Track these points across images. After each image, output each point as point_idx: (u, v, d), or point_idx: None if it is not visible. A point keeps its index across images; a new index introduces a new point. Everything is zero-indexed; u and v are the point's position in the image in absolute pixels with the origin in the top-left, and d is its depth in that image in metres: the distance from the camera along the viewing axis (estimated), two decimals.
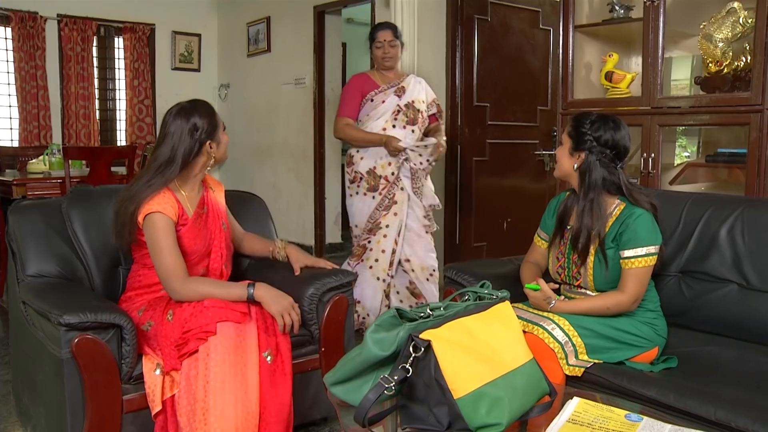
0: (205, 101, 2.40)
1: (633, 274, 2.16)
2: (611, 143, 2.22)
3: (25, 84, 6.57)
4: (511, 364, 1.61)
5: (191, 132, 2.28)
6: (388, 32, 3.87)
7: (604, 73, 3.45)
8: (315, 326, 2.49)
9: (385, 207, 3.79)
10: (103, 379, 2.07)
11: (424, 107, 3.91)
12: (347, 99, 3.91)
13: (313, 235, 6.57)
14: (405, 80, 3.91)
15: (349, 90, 3.93)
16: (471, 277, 2.50)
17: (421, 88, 3.93)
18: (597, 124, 2.23)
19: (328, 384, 1.63)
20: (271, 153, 7.04)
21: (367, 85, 3.89)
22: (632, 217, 2.18)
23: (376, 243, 3.81)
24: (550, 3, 5.12)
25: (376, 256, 3.81)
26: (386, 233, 3.79)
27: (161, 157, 2.28)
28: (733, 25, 2.98)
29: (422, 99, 3.90)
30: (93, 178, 4.72)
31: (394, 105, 3.81)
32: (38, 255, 2.42)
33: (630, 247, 2.16)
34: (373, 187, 3.81)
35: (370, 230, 3.82)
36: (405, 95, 3.85)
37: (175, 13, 7.47)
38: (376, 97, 3.85)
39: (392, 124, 3.80)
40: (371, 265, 3.82)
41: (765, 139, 2.78)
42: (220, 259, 2.44)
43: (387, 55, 3.85)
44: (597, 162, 2.23)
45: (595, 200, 2.22)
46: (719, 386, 1.92)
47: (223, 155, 2.41)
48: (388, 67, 3.89)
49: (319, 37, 6.32)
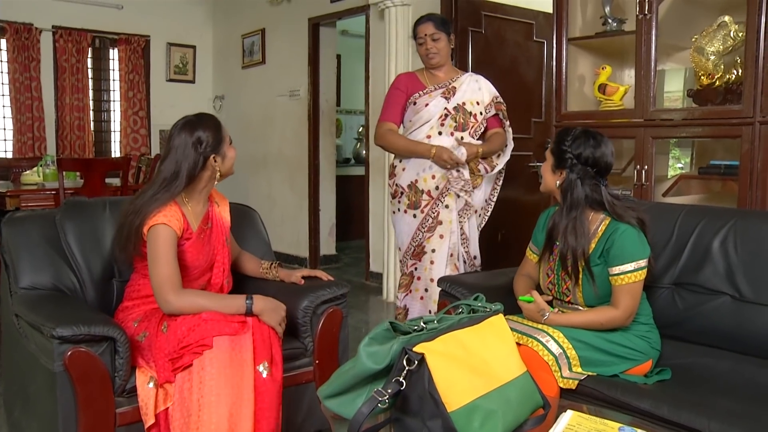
0: (211, 115, 2.38)
1: (625, 290, 2.15)
2: (592, 161, 2.20)
3: (19, 95, 6.58)
4: (505, 377, 1.61)
5: (195, 146, 2.26)
6: (428, 25, 3.29)
7: (597, 85, 3.47)
8: (309, 338, 2.49)
9: (428, 228, 3.26)
10: (96, 392, 2.05)
11: (480, 109, 3.32)
12: (390, 101, 3.38)
13: (307, 246, 6.57)
14: (458, 80, 3.33)
15: (393, 91, 3.38)
16: (465, 290, 2.50)
17: (477, 87, 3.34)
18: (578, 141, 2.21)
19: (321, 397, 1.63)
20: (266, 164, 7.05)
21: (413, 85, 3.35)
22: (617, 233, 2.17)
23: (424, 270, 3.28)
24: (543, 15, 5.15)
25: (426, 285, 3.27)
26: (433, 259, 3.25)
27: (166, 171, 2.27)
28: (725, 39, 3.00)
29: (477, 100, 3.31)
30: (87, 190, 4.72)
31: (440, 109, 3.25)
32: (31, 267, 2.41)
33: (618, 264, 2.15)
34: (414, 204, 3.27)
35: (415, 254, 3.30)
36: (455, 97, 3.28)
37: (170, 25, 7.50)
38: (419, 100, 3.30)
39: (438, 130, 3.25)
40: (422, 296, 3.30)
41: (757, 151, 2.80)
42: (222, 274, 2.43)
43: (431, 51, 3.28)
44: (578, 180, 2.21)
45: (578, 218, 2.21)
46: (713, 398, 1.92)
47: (229, 170, 2.39)
48: (434, 65, 3.33)
49: (313, 49, 6.35)
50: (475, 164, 3.28)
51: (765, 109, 2.77)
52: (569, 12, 3.52)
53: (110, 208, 2.60)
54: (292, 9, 6.53)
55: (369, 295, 5.44)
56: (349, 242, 7.48)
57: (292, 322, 2.42)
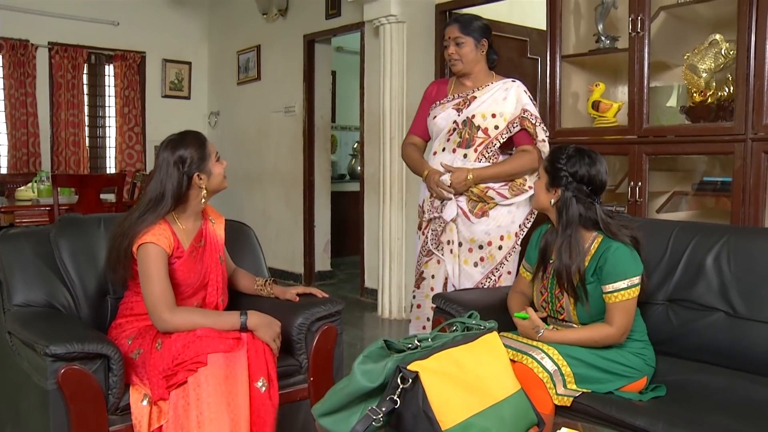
0: (196, 132, 2.38)
1: (619, 308, 2.15)
2: (587, 179, 2.20)
3: (14, 111, 6.58)
4: (499, 394, 1.61)
5: (177, 165, 2.26)
6: (453, 27, 2.97)
7: (591, 102, 3.49)
8: (304, 356, 2.48)
9: (427, 252, 3.01)
10: (89, 410, 2.04)
11: (497, 122, 2.91)
12: (418, 112, 3.17)
13: (302, 262, 6.56)
14: (485, 88, 2.96)
15: (421, 101, 3.17)
16: (459, 307, 2.49)
17: (503, 97, 2.93)
18: (573, 159, 2.21)
19: (316, 415, 1.63)
20: (261, 180, 7.06)
21: (438, 94, 3.09)
22: (609, 250, 2.17)
23: (424, 298, 3.02)
24: (537, 33, 5.19)
25: (427, 314, 2.96)
26: (433, 285, 2.99)
27: (151, 192, 2.27)
28: (716, 56, 3.03)
29: (494, 111, 2.91)
30: (82, 206, 4.71)
31: (449, 122, 2.97)
32: (25, 284, 2.40)
33: (611, 282, 2.15)
34: (420, 225, 3.06)
35: (417, 281, 3.08)
36: (468, 108, 2.94)
37: (166, 41, 7.53)
38: (432, 111, 3.05)
39: (443, 146, 2.98)
40: (424, 326, 3.03)
41: (749, 167, 2.82)
42: (216, 293, 2.43)
43: (452, 57, 2.97)
44: (573, 198, 2.21)
45: (573, 236, 2.21)
46: (708, 415, 1.92)
47: (219, 185, 2.38)
48: (457, 72, 3.01)
49: (308, 66, 6.38)
50: (481, 191, 2.89)
51: (757, 126, 2.80)
52: (563, 29, 3.55)
53: (105, 225, 2.59)
54: (287, 25, 6.56)
55: (364, 312, 5.43)
56: (344, 258, 7.48)
57: (286, 339, 2.41)
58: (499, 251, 2.94)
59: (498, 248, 2.94)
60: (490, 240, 2.94)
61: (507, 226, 2.94)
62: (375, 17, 5.20)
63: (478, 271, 2.95)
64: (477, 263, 2.95)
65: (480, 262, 2.95)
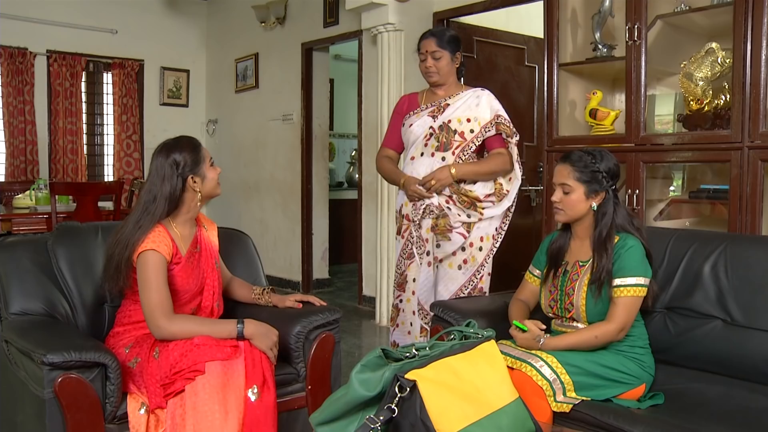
0: (189, 137, 2.39)
1: (621, 303, 2.18)
2: (614, 171, 2.28)
3: (12, 119, 6.59)
4: (497, 403, 1.61)
5: (172, 168, 2.27)
6: (430, 41, 3.09)
7: (588, 110, 3.49)
8: (301, 364, 2.48)
9: (408, 255, 3.06)
10: (86, 420, 2.03)
11: (472, 126, 3.03)
12: (389, 125, 3.28)
13: (300, 270, 6.55)
14: (456, 96, 3.09)
15: (393, 115, 3.26)
16: (457, 314, 2.49)
17: (476, 104, 3.07)
18: (596, 157, 2.28)
19: (314, 424, 1.63)
20: (258, 188, 7.06)
21: (410, 105, 3.19)
22: (624, 247, 2.22)
23: (407, 302, 3.06)
24: (535, 41, 5.20)
25: (410, 318, 3.05)
26: (414, 289, 3.04)
27: (146, 196, 2.28)
28: (712, 65, 3.04)
29: (469, 116, 3.04)
30: (80, 214, 4.71)
31: (425, 128, 3.06)
32: (22, 293, 2.40)
33: (620, 276, 2.19)
34: (399, 229, 3.13)
35: (399, 284, 3.11)
36: (443, 114, 3.06)
37: (164, 49, 7.55)
38: (407, 120, 3.14)
39: (421, 151, 3.06)
40: (409, 331, 3.06)
41: (746, 176, 2.82)
42: (212, 298, 2.43)
43: (430, 70, 3.09)
44: (611, 199, 2.28)
45: (609, 236, 2.25)
46: (705, 423, 1.92)
47: (212, 190, 2.38)
48: (433, 83, 3.13)
49: (306, 74, 6.39)
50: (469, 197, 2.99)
51: (753, 135, 2.80)
52: (560, 38, 3.56)
53: (102, 234, 2.60)
54: (285, 34, 6.58)
55: (362, 320, 5.42)
56: (341, 266, 7.48)
57: (284, 348, 2.41)
58: (479, 252, 3.05)
59: (479, 249, 3.05)
60: (471, 242, 3.04)
61: (485, 228, 3.06)
62: (373, 25, 5.22)
63: (462, 273, 3.04)
64: (461, 266, 3.04)
65: (464, 264, 3.04)
